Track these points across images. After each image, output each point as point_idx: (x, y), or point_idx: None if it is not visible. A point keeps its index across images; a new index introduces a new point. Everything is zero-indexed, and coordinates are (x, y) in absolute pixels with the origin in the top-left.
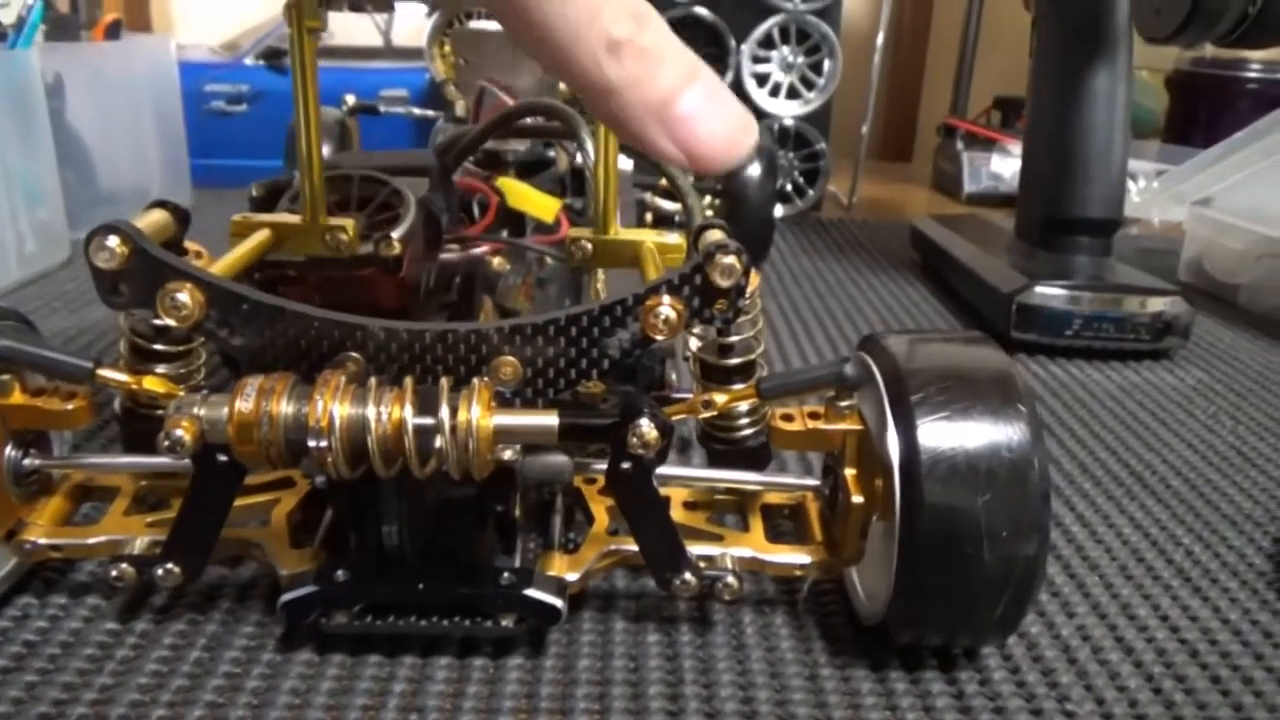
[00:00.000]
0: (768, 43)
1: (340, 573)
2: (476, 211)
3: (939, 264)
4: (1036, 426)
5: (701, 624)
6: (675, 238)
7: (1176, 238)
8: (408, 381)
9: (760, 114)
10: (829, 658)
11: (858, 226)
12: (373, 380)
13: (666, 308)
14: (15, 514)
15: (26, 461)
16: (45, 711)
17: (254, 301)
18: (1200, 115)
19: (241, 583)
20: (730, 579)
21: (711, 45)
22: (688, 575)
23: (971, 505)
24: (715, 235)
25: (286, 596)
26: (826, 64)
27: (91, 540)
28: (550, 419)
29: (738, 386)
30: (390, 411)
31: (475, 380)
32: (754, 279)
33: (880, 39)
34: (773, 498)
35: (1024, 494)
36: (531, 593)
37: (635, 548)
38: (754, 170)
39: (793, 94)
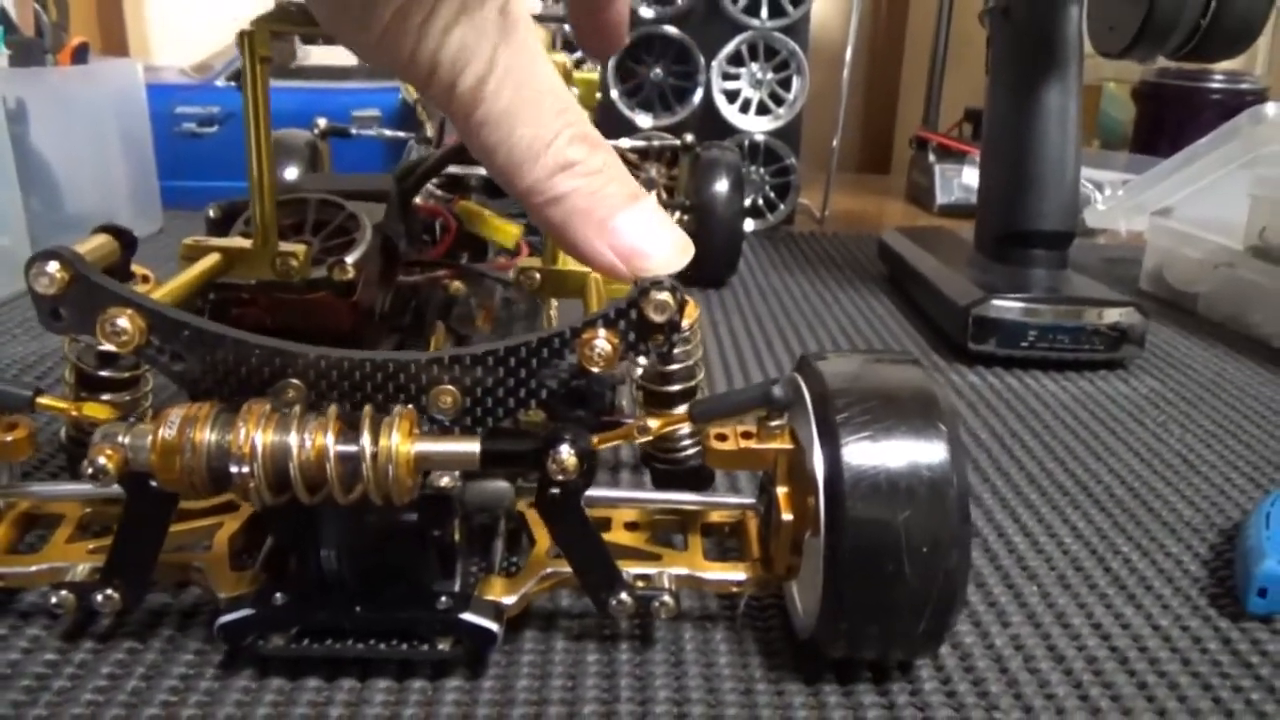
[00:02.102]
0: (737, 60)
1: (278, 596)
2: (439, 235)
3: (903, 277)
4: (957, 445)
5: (642, 641)
6: None
7: (1141, 247)
8: (331, 409)
9: (730, 129)
10: (765, 672)
11: (829, 240)
12: (297, 408)
13: (602, 341)
14: None
15: None
16: None
17: (194, 328)
18: (1166, 125)
19: (184, 609)
20: (667, 598)
21: (680, 63)
22: (624, 595)
23: (892, 522)
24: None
25: (224, 619)
26: (795, 80)
27: (33, 568)
28: (472, 445)
29: (679, 411)
30: (314, 439)
31: (396, 407)
32: (692, 310)
33: (849, 54)
34: (715, 516)
35: (943, 511)
36: (468, 616)
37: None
38: (721, 186)
39: (762, 110)
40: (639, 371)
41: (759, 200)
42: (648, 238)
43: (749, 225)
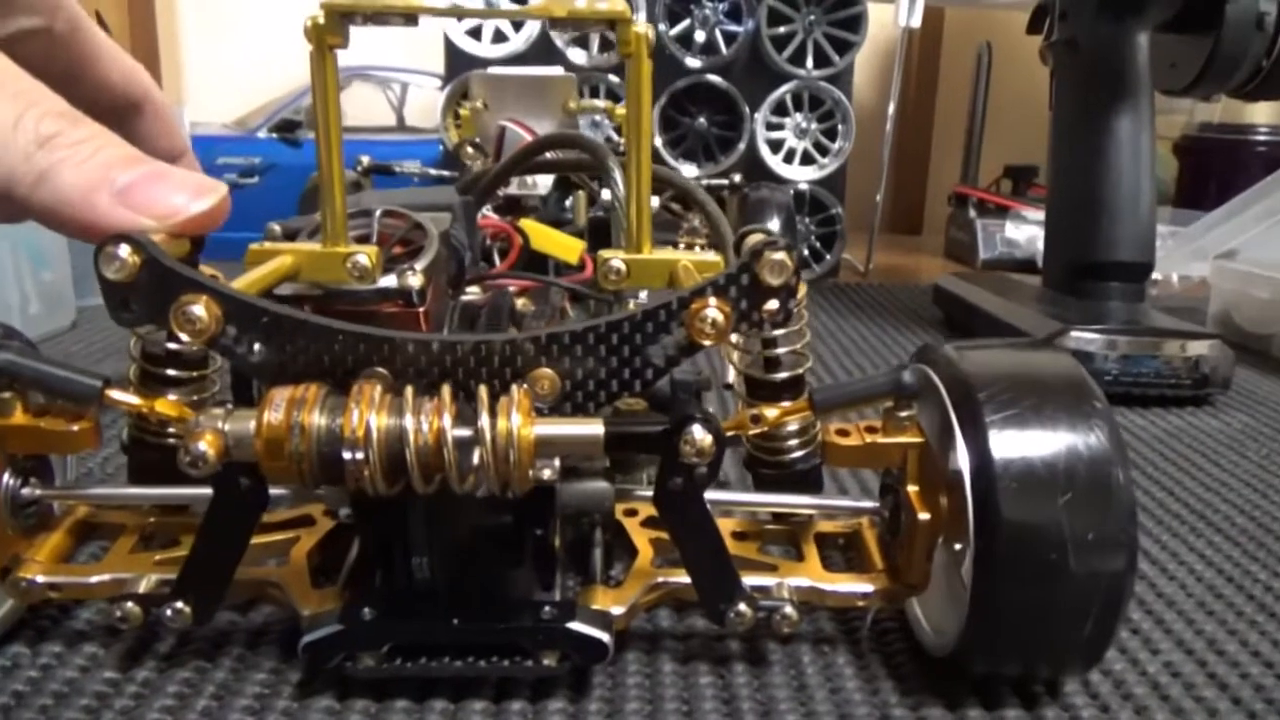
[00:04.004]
0: (781, 109)
1: (366, 611)
2: (496, 258)
3: (965, 318)
4: (1115, 426)
5: (757, 664)
6: (712, 256)
7: (1197, 296)
8: (445, 390)
9: (776, 179)
10: (900, 697)
11: (875, 290)
12: (409, 389)
13: (713, 309)
14: (12, 549)
15: (25, 491)
16: None
17: (274, 314)
18: (1210, 179)
19: (253, 628)
20: (788, 609)
21: (725, 113)
22: (742, 606)
23: (1052, 508)
24: (761, 236)
25: (308, 637)
26: (840, 129)
27: (94, 579)
28: (595, 428)
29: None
30: (430, 421)
31: (515, 388)
32: (801, 287)
33: (892, 108)
34: (826, 526)
35: (1107, 493)
36: (576, 627)
37: (683, 580)
38: (773, 226)
39: (806, 160)
40: (731, 374)
41: (805, 250)
42: (170, 184)
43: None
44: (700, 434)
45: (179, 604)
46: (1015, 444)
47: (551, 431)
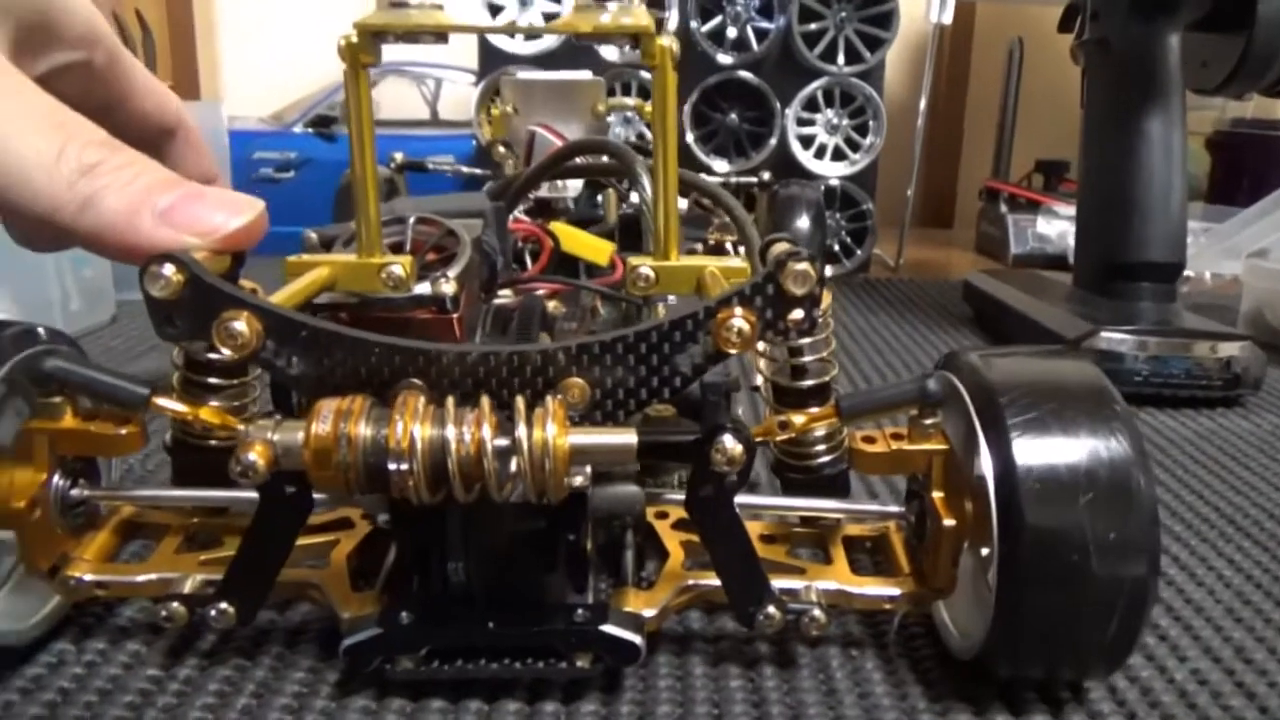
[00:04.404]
0: (812, 105)
1: (404, 615)
2: (528, 260)
3: (996, 315)
4: (1136, 432)
5: (786, 667)
6: (738, 262)
7: (1229, 294)
8: (485, 401)
9: (806, 175)
10: (928, 701)
11: (906, 285)
12: (450, 401)
13: (739, 319)
14: (60, 547)
15: (74, 491)
16: None
17: (312, 329)
18: (1243, 175)
19: (291, 627)
20: (817, 613)
21: (756, 109)
22: (771, 609)
23: (1074, 510)
24: (785, 246)
25: (349, 640)
26: (871, 124)
27: (140, 578)
28: (628, 437)
29: (819, 409)
30: (472, 432)
31: (549, 398)
32: (825, 296)
33: (923, 103)
34: (853, 530)
35: (1128, 495)
36: (608, 629)
37: (714, 583)
38: (802, 223)
39: (838, 155)
40: (759, 379)
41: (835, 246)
42: (208, 203)
43: (825, 271)
44: (731, 443)
45: (223, 605)
46: (1037, 448)
47: (586, 441)
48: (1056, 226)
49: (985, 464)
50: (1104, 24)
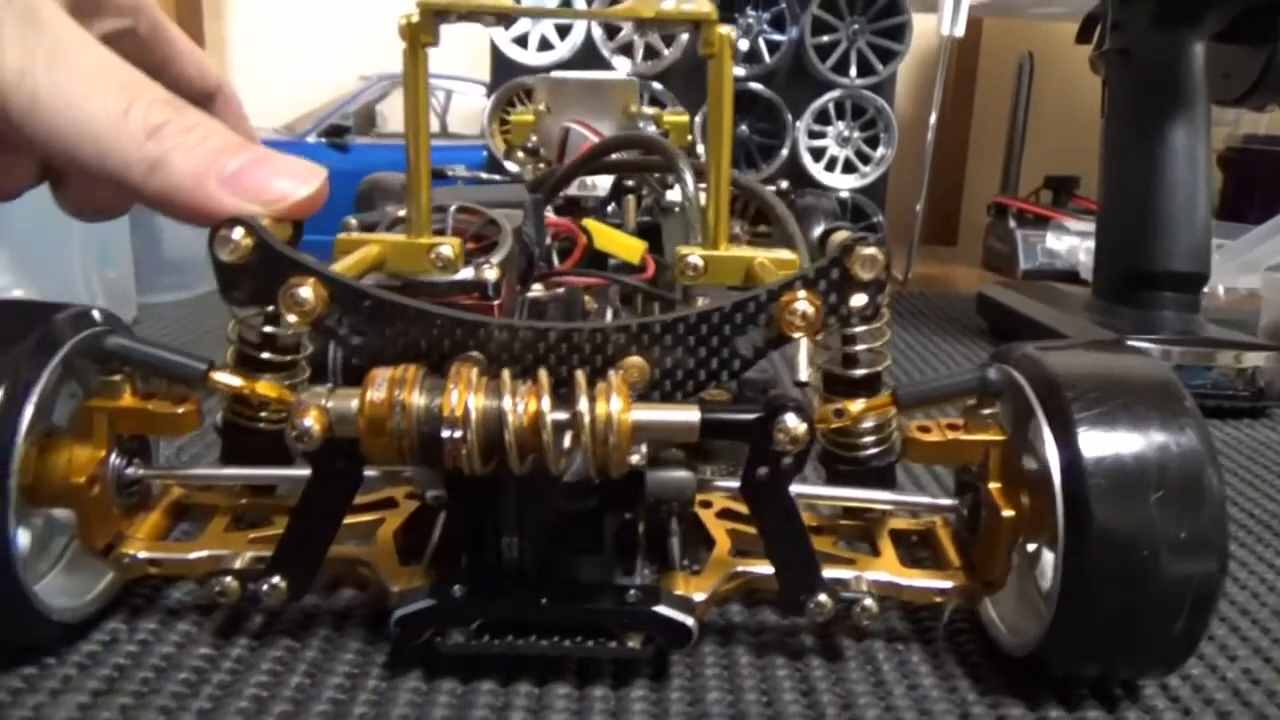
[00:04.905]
0: (823, 117)
1: (457, 588)
2: (554, 258)
3: (1011, 326)
4: (1205, 428)
5: (833, 660)
6: (787, 254)
7: (1245, 309)
8: (542, 374)
9: (818, 186)
10: (978, 696)
11: (916, 298)
12: (506, 372)
13: (803, 302)
14: (115, 526)
15: (130, 470)
16: None
17: (376, 298)
18: (1256, 191)
19: (337, 610)
20: (868, 602)
21: (767, 120)
22: (822, 597)
23: (1143, 506)
24: (848, 233)
25: (400, 611)
26: (882, 137)
27: (192, 555)
28: (691, 414)
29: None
30: (526, 404)
31: (611, 373)
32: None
33: (934, 117)
34: (899, 524)
35: (1199, 489)
36: (661, 609)
37: (762, 570)
38: (817, 234)
39: (848, 168)
40: (803, 373)
41: None
42: (274, 169)
43: None
44: (794, 421)
45: (275, 579)
46: (1105, 441)
47: (649, 417)
48: (1066, 242)
49: (1050, 457)
50: (1125, 34)
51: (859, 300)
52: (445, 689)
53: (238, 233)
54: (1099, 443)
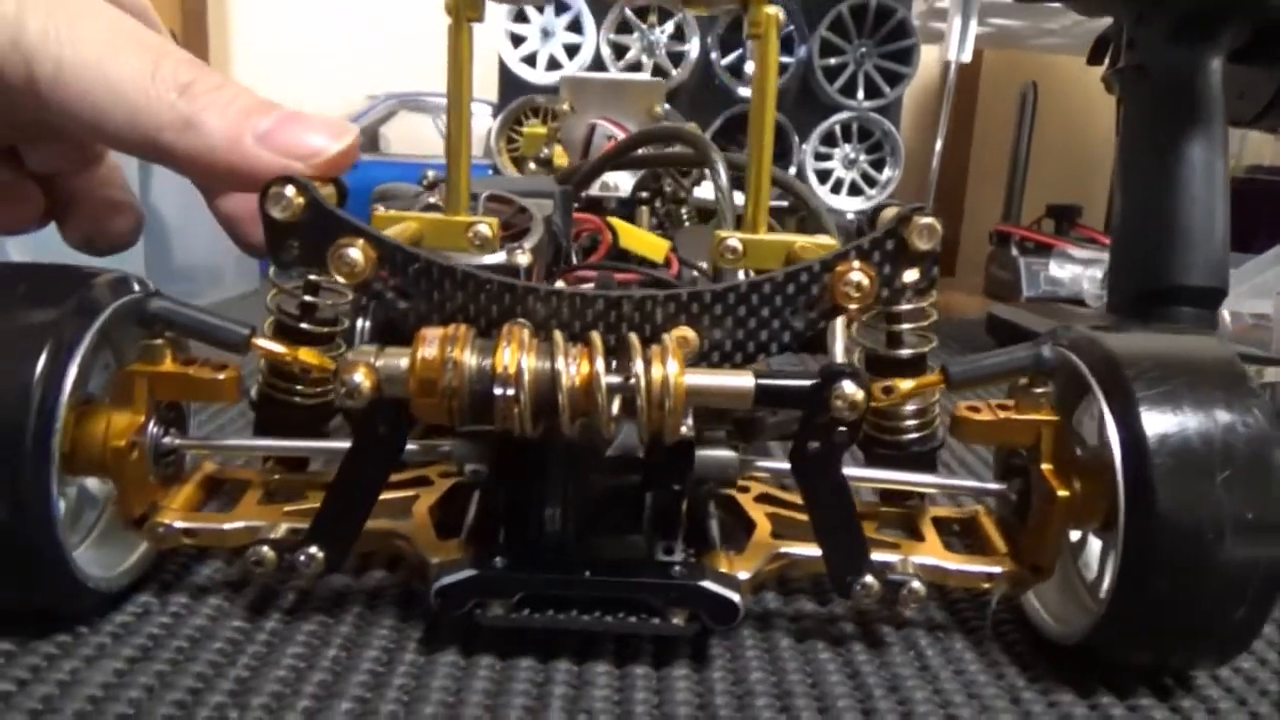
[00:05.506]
0: (829, 140)
1: (498, 560)
2: (575, 259)
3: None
4: (1270, 408)
5: (875, 646)
6: (828, 239)
7: (1252, 337)
8: (595, 336)
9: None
10: (1027, 682)
11: None
12: (558, 334)
13: (858, 273)
14: (151, 496)
15: (167, 440)
16: (180, 698)
17: (425, 261)
18: (1260, 223)
19: (369, 590)
20: (916, 584)
21: (774, 141)
22: (869, 579)
23: (1209, 486)
24: (898, 208)
25: (441, 582)
26: (889, 160)
27: (227, 526)
28: (746, 380)
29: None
30: (579, 365)
31: (666, 337)
32: None
33: (939, 144)
34: (940, 511)
35: (1267, 471)
36: (708, 585)
37: (806, 552)
38: None
39: (854, 191)
40: (839, 355)
41: None
42: (306, 125)
43: None
44: (852, 388)
45: (313, 549)
46: (1169, 422)
47: (704, 381)
48: (1069, 270)
49: (1110, 437)
50: (1141, 51)
51: (912, 275)
52: (484, 664)
53: (290, 190)
54: (1162, 421)
